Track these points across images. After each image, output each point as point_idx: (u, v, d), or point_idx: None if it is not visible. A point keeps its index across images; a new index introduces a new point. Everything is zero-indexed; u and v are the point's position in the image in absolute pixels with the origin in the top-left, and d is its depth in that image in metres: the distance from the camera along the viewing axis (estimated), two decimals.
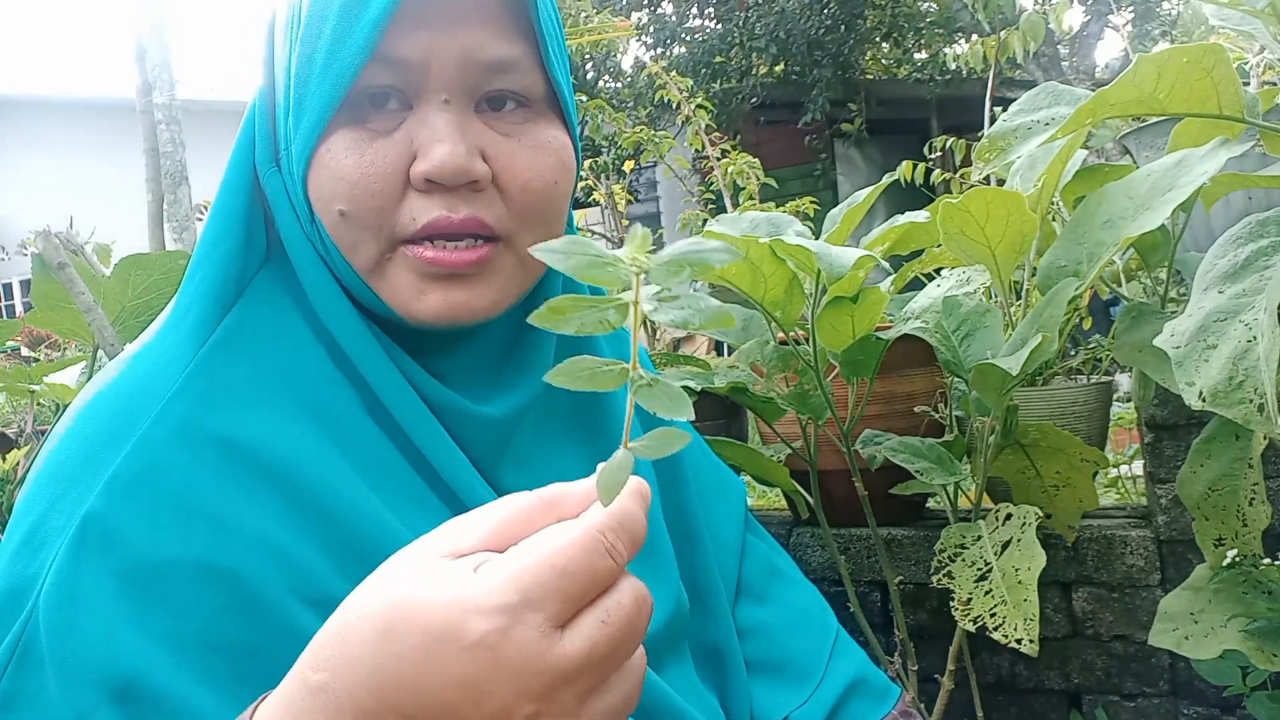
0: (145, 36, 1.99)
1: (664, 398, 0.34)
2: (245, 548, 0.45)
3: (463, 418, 0.55)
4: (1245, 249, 0.66)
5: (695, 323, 0.34)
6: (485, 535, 0.37)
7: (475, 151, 0.51)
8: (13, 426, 2.00)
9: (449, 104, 0.51)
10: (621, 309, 0.33)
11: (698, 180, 4.65)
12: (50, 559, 0.43)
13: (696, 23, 8.50)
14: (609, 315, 0.33)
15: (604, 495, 0.35)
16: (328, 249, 0.53)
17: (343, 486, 0.49)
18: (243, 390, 0.50)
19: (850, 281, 0.92)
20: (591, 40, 3.54)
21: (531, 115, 0.54)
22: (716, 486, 0.78)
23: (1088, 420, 1.18)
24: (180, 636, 0.43)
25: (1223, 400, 0.58)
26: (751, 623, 0.73)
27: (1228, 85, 0.72)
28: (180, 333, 0.52)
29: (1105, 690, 1.19)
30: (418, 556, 0.37)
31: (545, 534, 0.35)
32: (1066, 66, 6.44)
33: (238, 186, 0.54)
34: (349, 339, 0.53)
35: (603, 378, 0.34)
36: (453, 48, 0.50)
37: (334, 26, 0.49)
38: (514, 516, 0.37)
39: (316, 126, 0.50)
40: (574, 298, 0.33)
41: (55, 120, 10.87)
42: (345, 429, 0.51)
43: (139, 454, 0.46)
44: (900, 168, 2.93)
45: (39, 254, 1.14)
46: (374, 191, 0.50)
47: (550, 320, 0.33)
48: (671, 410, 0.34)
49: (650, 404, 0.34)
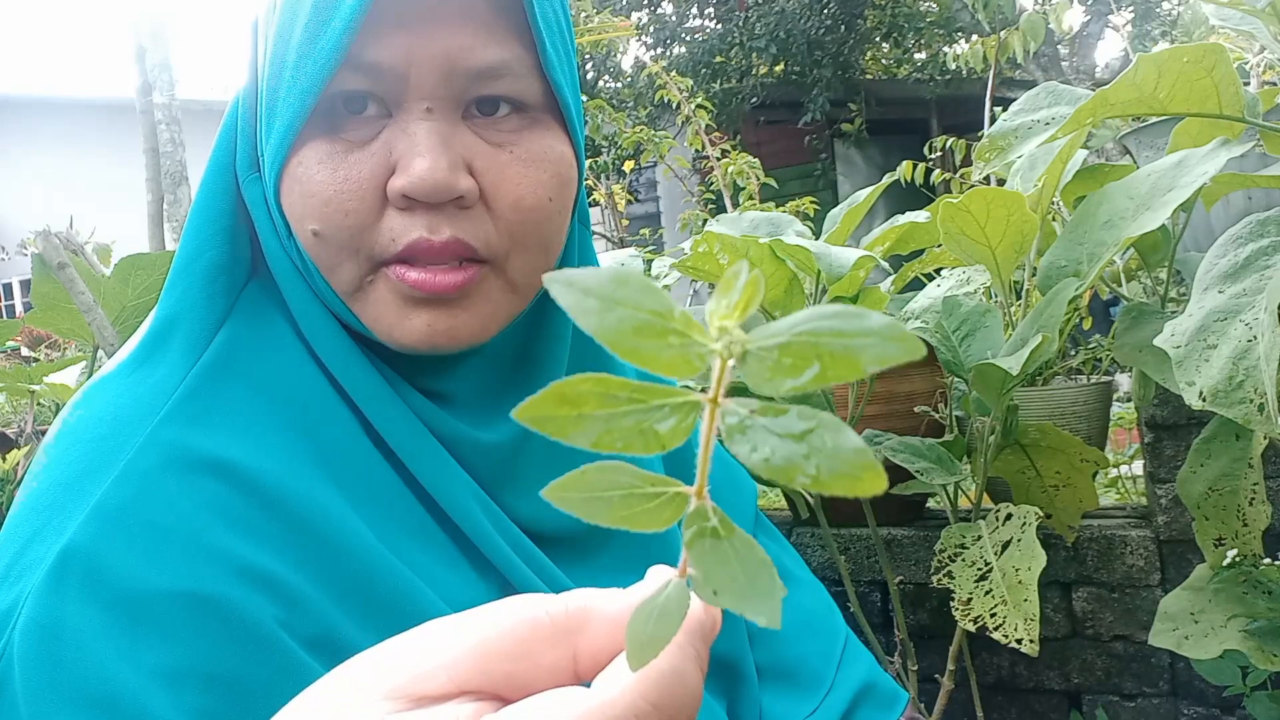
0: (145, 36, 1.99)
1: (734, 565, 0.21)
2: (238, 578, 0.42)
3: (465, 444, 0.51)
4: (1245, 249, 0.66)
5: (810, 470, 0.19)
6: (461, 671, 0.25)
7: (460, 165, 0.46)
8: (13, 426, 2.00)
9: (431, 112, 0.46)
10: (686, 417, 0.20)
11: (698, 180, 4.65)
12: (27, 591, 0.41)
13: (696, 23, 8.50)
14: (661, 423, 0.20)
15: (634, 659, 0.22)
16: (307, 267, 0.49)
17: (340, 518, 0.46)
18: (238, 414, 0.47)
19: (850, 281, 0.92)
20: (591, 40, 3.54)
21: (527, 123, 0.49)
22: (728, 485, 0.76)
23: (1088, 420, 1.18)
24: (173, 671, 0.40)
25: (1223, 400, 0.58)
26: (759, 626, 0.71)
27: (1228, 85, 0.72)
28: (168, 351, 0.48)
29: (1105, 690, 1.19)
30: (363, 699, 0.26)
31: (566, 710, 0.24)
32: (1066, 66, 6.44)
33: (217, 193, 0.50)
34: (337, 362, 0.49)
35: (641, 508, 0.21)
36: (434, 51, 0.46)
37: (305, 27, 0.45)
38: (507, 643, 0.26)
39: (286, 137, 0.46)
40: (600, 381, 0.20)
41: (55, 120, 10.87)
42: (342, 456, 0.48)
43: (126, 481, 0.43)
44: (900, 168, 2.93)
45: (39, 254, 1.14)
46: (348, 210, 0.46)
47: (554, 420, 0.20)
48: (742, 597, 0.21)
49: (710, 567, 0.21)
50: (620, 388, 0.20)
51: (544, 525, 0.54)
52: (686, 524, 0.21)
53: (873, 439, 1.06)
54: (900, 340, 0.18)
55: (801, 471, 0.19)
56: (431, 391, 0.52)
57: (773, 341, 0.19)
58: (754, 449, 0.19)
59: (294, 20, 0.46)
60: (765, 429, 0.19)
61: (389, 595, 0.45)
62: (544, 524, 0.54)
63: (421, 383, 0.52)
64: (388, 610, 0.44)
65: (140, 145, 1.81)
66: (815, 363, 0.18)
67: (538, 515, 0.54)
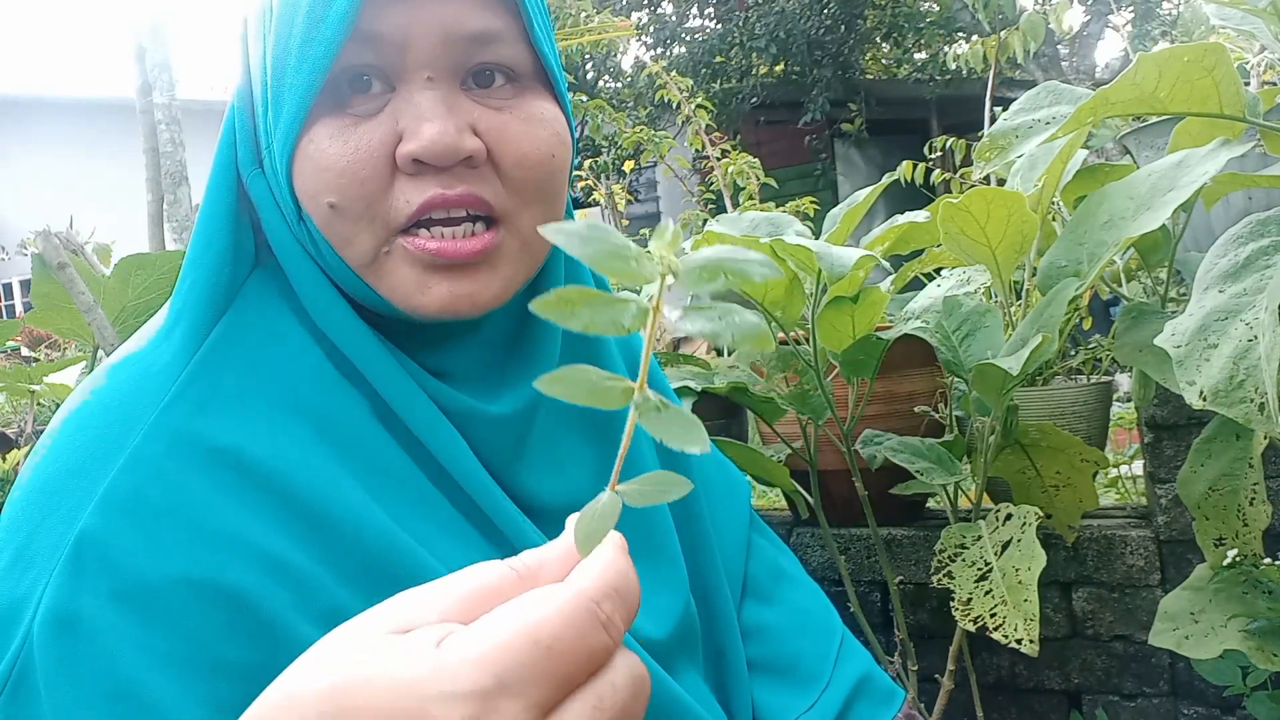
0: (145, 36, 1.99)
1: (675, 425, 0.30)
2: (247, 564, 0.43)
3: (472, 418, 0.53)
4: (1246, 248, 0.66)
5: (728, 338, 0.29)
6: (447, 611, 0.31)
7: (465, 127, 0.49)
8: (13, 426, 2.00)
9: (433, 81, 0.49)
10: (642, 312, 0.29)
11: (698, 180, 4.65)
12: (43, 580, 0.42)
13: (696, 23, 8.50)
14: (624, 317, 0.29)
15: (583, 545, 0.31)
16: (319, 247, 0.51)
17: (345, 497, 0.47)
18: (237, 399, 0.48)
19: (850, 281, 0.92)
20: (591, 40, 3.54)
21: (520, 90, 0.52)
22: (723, 485, 0.77)
23: (1088, 420, 1.18)
24: (184, 659, 0.41)
25: (1223, 399, 0.58)
26: (757, 624, 0.72)
27: (1229, 85, 0.72)
28: (171, 340, 0.50)
29: (1105, 690, 1.19)
30: (363, 629, 0.31)
31: (526, 601, 0.29)
32: (1066, 66, 6.44)
33: (222, 190, 0.52)
34: (348, 341, 0.51)
35: (605, 393, 0.29)
36: (432, 21, 0.48)
37: (308, 12, 0.47)
38: (482, 590, 0.31)
39: (297, 117, 0.48)
40: (585, 290, 0.29)
41: (55, 120, 10.86)
42: (349, 436, 0.49)
43: (133, 468, 0.44)
44: (900, 168, 2.93)
45: (39, 254, 1.14)
46: (362, 178, 0.48)
47: (556, 311, 0.28)
48: (684, 440, 0.29)
49: (659, 431, 0.29)
50: (602, 299, 0.29)
51: (545, 499, 0.56)
52: (636, 404, 0.30)
53: (873, 439, 1.06)
54: (768, 265, 0.29)
55: (721, 338, 0.29)
56: (435, 368, 0.54)
57: (694, 264, 0.29)
58: (694, 326, 0.30)
59: (295, 10, 0.48)
60: (698, 315, 0.30)
61: (397, 569, 0.46)
62: (545, 498, 0.56)
63: (424, 359, 0.53)
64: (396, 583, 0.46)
65: (140, 145, 1.81)
66: (721, 275, 0.29)
67: (539, 489, 0.56)
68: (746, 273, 0.29)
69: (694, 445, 0.29)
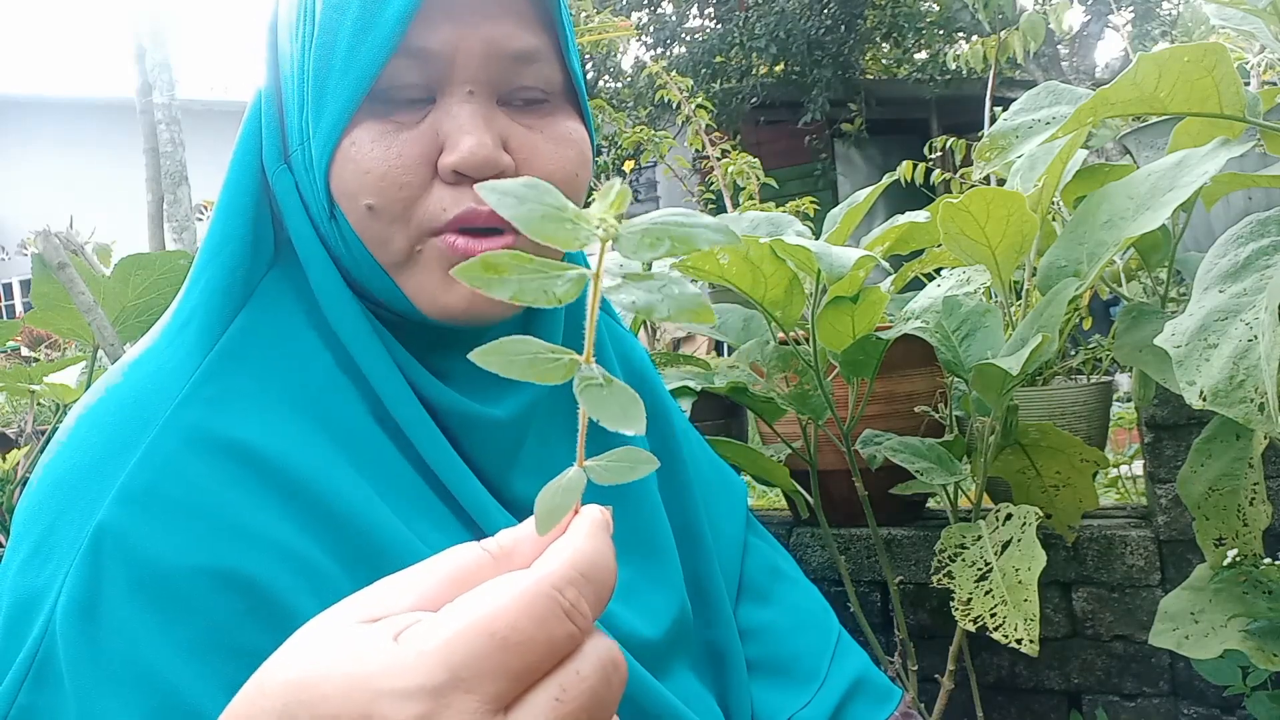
0: (145, 36, 1.99)
1: (613, 404, 0.27)
2: (261, 553, 0.44)
3: (471, 421, 0.54)
4: (1246, 248, 0.66)
5: (663, 311, 0.27)
6: (422, 596, 0.30)
7: (500, 143, 0.51)
8: (13, 426, 2.00)
9: (473, 95, 0.51)
10: (576, 281, 0.26)
11: (698, 180, 4.65)
12: (63, 571, 0.43)
13: (696, 23, 8.50)
14: (557, 286, 0.26)
15: (542, 523, 0.29)
16: (348, 245, 0.53)
17: (352, 493, 0.48)
18: (250, 397, 0.49)
19: (850, 281, 0.92)
20: (592, 40, 3.54)
21: (551, 108, 0.54)
22: (719, 485, 0.77)
23: (1088, 420, 1.18)
24: (203, 645, 0.42)
25: (1223, 399, 0.58)
26: (754, 623, 0.72)
27: (1229, 85, 0.72)
28: (186, 337, 0.51)
29: (1105, 690, 1.19)
30: (333, 619, 0.31)
31: (485, 590, 0.29)
32: (1066, 66, 6.44)
33: (243, 186, 0.54)
34: (353, 339, 0.52)
35: (544, 367, 0.27)
36: (477, 39, 0.50)
37: (355, 20, 0.49)
38: (456, 573, 0.31)
39: (340, 121, 0.50)
40: (516, 255, 0.26)
41: (55, 120, 10.86)
42: (352, 436, 0.51)
43: (149, 462, 0.45)
44: (900, 168, 2.94)
45: (39, 254, 1.14)
46: (402, 183, 0.50)
47: (480, 278, 0.26)
48: (619, 421, 0.27)
49: (595, 408, 0.27)
50: (533, 266, 0.26)
51: None
52: (578, 380, 0.27)
53: (873, 439, 1.06)
54: (721, 231, 0.27)
55: (657, 311, 0.27)
56: (439, 369, 0.55)
57: (638, 228, 0.26)
58: (626, 298, 0.27)
59: (342, 14, 0.50)
60: (633, 286, 0.27)
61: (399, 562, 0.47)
62: None
63: (430, 361, 0.55)
64: None
65: (140, 145, 1.81)
66: (666, 241, 0.26)
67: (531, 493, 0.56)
68: (693, 239, 0.26)
69: (629, 426, 0.27)
